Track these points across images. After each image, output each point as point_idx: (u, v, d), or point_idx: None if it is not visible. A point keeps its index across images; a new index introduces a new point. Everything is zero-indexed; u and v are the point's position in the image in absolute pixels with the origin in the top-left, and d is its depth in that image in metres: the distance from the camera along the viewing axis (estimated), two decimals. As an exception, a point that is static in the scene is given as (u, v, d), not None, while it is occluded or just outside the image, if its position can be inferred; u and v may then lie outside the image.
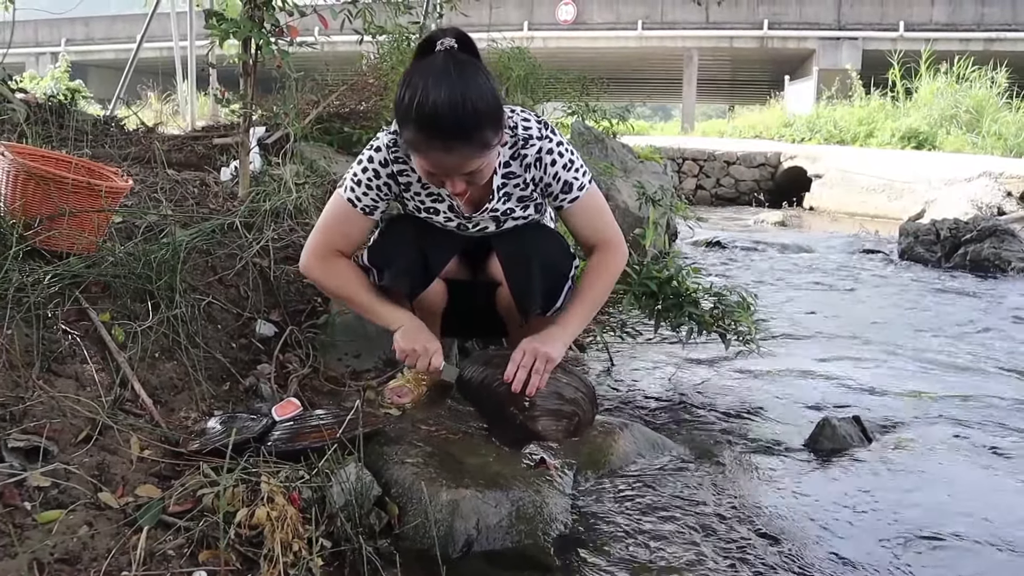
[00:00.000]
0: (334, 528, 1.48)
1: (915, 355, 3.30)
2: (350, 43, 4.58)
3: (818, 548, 1.68)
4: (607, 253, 1.81)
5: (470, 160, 1.52)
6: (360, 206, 1.75)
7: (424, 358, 1.72)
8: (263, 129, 3.86)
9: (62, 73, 10.59)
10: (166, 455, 1.66)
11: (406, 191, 1.77)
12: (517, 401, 1.63)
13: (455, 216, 1.80)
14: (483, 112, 1.47)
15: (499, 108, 1.54)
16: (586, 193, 1.77)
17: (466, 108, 1.44)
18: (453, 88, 1.44)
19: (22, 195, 2.05)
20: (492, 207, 1.77)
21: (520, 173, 1.74)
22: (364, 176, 1.73)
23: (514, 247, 1.81)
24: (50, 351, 1.79)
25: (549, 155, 1.71)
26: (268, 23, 2.84)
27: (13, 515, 1.33)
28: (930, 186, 8.91)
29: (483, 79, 1.50)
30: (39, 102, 4.09)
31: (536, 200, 1.81)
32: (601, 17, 22.20)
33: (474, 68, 1.50)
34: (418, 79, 1.46)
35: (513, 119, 1.70)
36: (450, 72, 1.46)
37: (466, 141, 1.48)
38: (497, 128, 1.54)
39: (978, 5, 19.70)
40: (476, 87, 1.47)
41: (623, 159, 5.61)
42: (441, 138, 1.47)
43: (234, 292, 2.42)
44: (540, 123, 1.73)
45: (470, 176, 1.56)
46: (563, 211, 1.79)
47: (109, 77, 18.93)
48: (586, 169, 1.78)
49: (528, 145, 1.70)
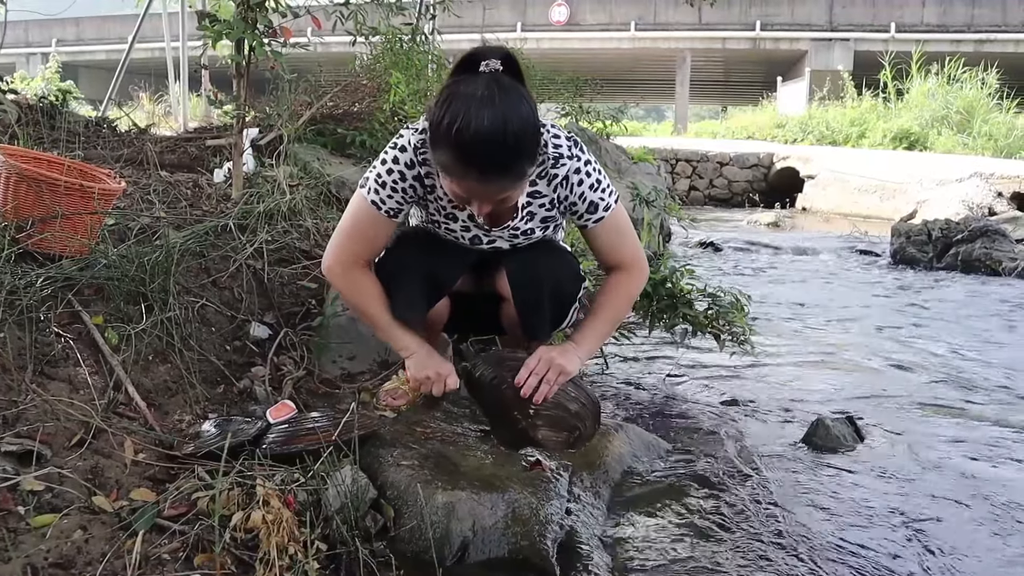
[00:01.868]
0: (330, 531, 1.48)
1: (907, 355, 3.32)
2: (343, 44, 4.58)
3: (813, 547, 1.69)
4: (628, 274, 1.77)
5: (504, 191, 1.49)
6: (384, 209, 1.67)
7: (439, 384, 1.72)
8: (256, 130, 3.85)
9: (53, 74, 10.53)
10: (160, 458, 1.65)
11: (431, 193, 1.71)
12: (522, 406, 1.64)
13: (474, 227, 1.75)
14: (524, 145, 1.44)
15: (538, 139, 1.50)
16: (611, 214, 1.71)
17: (507, 142, 1.39)
18: (495, 118, 1.38)
19: (14, 197, 2.04)
20: (514, 225, 1.73)
21: (546, 193, 1.69)
22: (389, 178, 1.65)
23: (525, 273, 1.75)
24: (43, 354, 1.78)
25: (577, 175, 1.66)
26: (261, 24, 2.83)
27: (6, 519, 1.33)
28: (922, 187, 8.95)
29: (526, 107, 1.45)
30: (30, 103, 4.07)
31: (557, 221, 1.78)
32: (594, 18, 22.24)
33: (518, 95, 1.44)
34: (459, 105, 1.40)
35: (544, 136, 1.62)
36: (494, 100, 1.40)
37: (504, 174, 1.45)
38: (534, 159, 1.51)
39: (969, 6, 19.80)
40: (519, 119, 1.42)
41: (617, 160, 5.62)
42: (479, 168, 1.43)
43: (228, 294, 2.41)
44: (570, 140, 1.67)
45: (500, 203, 1.53)
46: (587, 230, 1.74)
47: (100, 78, 18.85)
48: (613, 189, 1.73)
49: (558, 165, 1.65)
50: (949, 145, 12.73)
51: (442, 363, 1.75)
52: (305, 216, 2.88)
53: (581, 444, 1.74)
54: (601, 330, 1.77)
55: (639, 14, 21.89)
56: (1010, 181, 8.29)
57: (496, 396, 1.69)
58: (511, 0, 21.82)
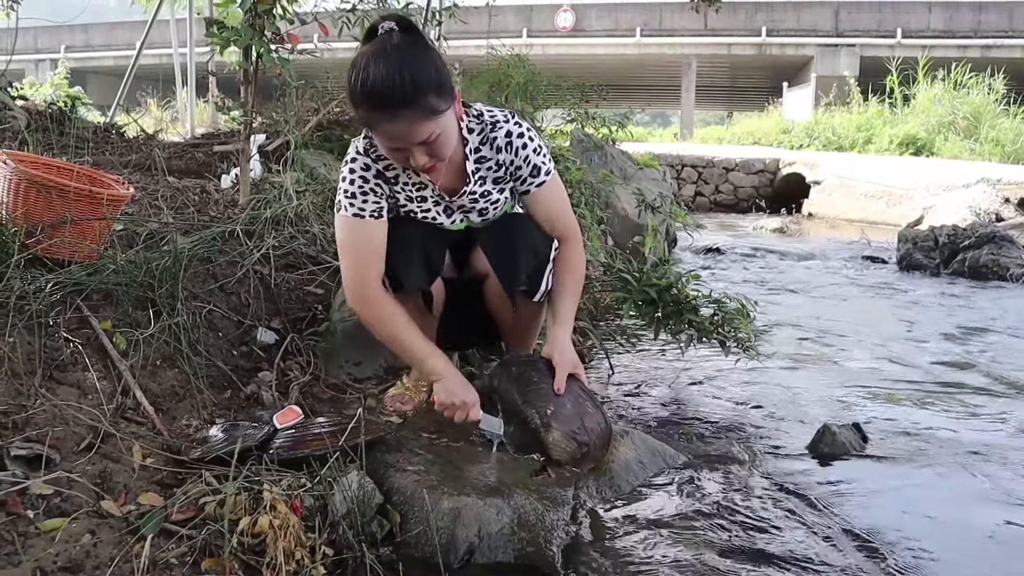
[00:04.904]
0: (336, 536, 1.49)
1: (914, 361, 3.31)
2: (350, 50, 4.58)
3: (816, 554, 1.68)
4: (571, 245, 1.90)
5: (419, 125, 1.55)
6: (368, 213, 1.76)
7: (462, 411, 1.73)
8: (263, 136, 3.87)
9: (61, 80, 10.61)
10: (168, 463, 1.66)
11: (395, 184, 1.82)
12: (541, 408, 1.62)
13: (440, 200, 1.84)
14: (420, 78, 1.53)
15: (441, 76, 1.58)
16: (552, 179, 1.86)
17: (403, 76, 1.51)
18: (390, 62, 1.51)
19: (24, 203, 2.05)
20: (471, 190, 1.82)
21: (491, 156, 1.81)
22: (355, 187, 1.76)
23: (495, 233, 1.88)
24: (52, 359, 1.79)
25: (520, 139, 1.80)
26: (269, 31, 2.85)
27: (16, 523, 1.34)
28: (928, 193, 8.92)
29: (421, 53, 1.56)
30: (39, 109, 4.10)
31: (509, 182, 1.87)
32: (600, 24, 22.27)
33: (411, 43, 1.56)
34: (359, 62, 1.54)
35: (478, 108, 1.80)
36: (387, 49, 1.53)
37: (408, 106, 1.52)
38: (441, 94, 1.57)
39: (975, 12, 19.76)
40: (412, 58, 1.53)
41: (622, 166, 5.63)
42: (384, 108, 1.53)
43: (235, 300, 2.42)
44: (507, 112, 1.83)
45: (428, 147, 1.59)
46: (530, 195, 1.86)
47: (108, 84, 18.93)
48: (551, 157, 1.88)
49: (496, 128, 1.79)
50: (956, 151, 12.69)
51: (469, 391, 1.76)
52: (312, 222, 2.89)
53: (585, 463, 1.71)
54: (572, 307, 1.87)
55: (645, 20, 21.90)
56: (1017, 187, 8.25)
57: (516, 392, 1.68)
58: (517, 6, 21.89)
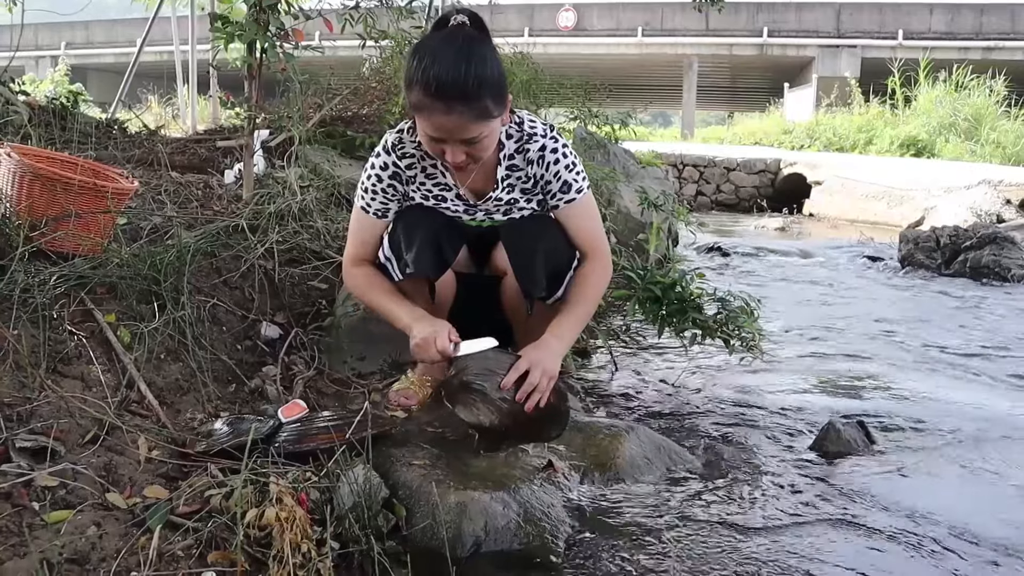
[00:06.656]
0: (342, 529, 1.48)
1: (917, 360, 3.30)
2: (353, 47, 4.59)
3: (821, 552, 1.68)
4: (596, 263, 1.84)
5: (469, 125, 1.55)
6: (372, 211, 1.83)
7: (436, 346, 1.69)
8: (267, 132, 3.86)
9: (62, 76, 10.60)
10: (173, 456, 1.66)
11: (411, 183, 1.82)
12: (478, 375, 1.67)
13: (462, 203, 1.84)
14: (485, 79, 1.52)
15: (502, 81, 1.58)
16: (583, 197, 1.82)
17: (469, 71, 1.50)
18: (459, 53, 1.51)
19: (28, 196, 2.05)
20: (496, 196, 1.81)
21: (523, 167, 1.79)
22: (368, 183, 1.82)
23: (518, 233, 1.85)
24: (56, 352, 1.78)
25: (553, 154, 1.77)
26: (273, 27, 2.84)
27: (22, 515, 1.33)
28: (929, 194, 8.92)
29: (489, 53, 1.56)
30: (41, 105, 4.09)
31: (538, 195, 1.85)
32: (601, 24, 22.28)
33: (481, 42, 1.56)
34: (428, 46, 1.54)
35: (520, 115, 1.77)
36: (458, 40, 1.53)
37: (466, 103, 1.52)
38: (498, 99, 1.57)
39: (977, 14, 19.78)
40: (481, 56, 1.53)
41: (625, 164, 5.62)
42: (443, 98, 1.52)
43: (239, 294, 2.41)
44: (546, 126, 1.79)
45: (470, 146, 1.59)
46: (559, 211, 1.83)
47: (109, 81, 18.95)
48: (585, 175, 1.83)
49: (532, 140, 1.76)
50: (957, 152, 12.69)
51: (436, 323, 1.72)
52: (315, 217, 2.89)
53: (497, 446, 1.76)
54: (577, 325, 1.83)
55: (646, 20, 21.91)
56: (1018, 188, 8.25)
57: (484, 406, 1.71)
58: (519, 5, 21.91)
